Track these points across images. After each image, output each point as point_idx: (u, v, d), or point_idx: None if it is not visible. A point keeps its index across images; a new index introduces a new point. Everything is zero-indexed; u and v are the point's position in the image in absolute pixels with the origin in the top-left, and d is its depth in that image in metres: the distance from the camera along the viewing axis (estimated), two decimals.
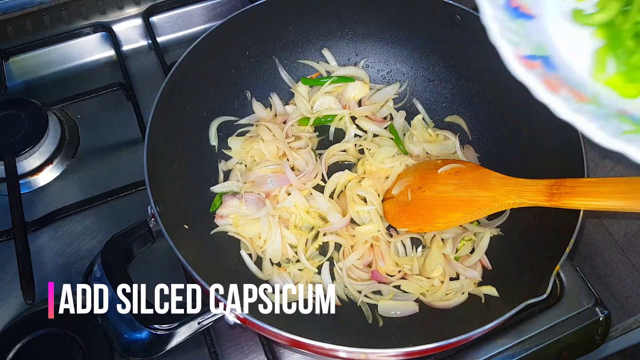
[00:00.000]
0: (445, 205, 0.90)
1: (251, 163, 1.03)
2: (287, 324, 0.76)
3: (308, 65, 1.13)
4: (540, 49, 0.60)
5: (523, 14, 0.62)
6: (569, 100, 0.54)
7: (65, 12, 1.29)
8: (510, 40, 0.57)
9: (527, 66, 0.55)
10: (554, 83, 0.55)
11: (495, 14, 0.59)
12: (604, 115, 0.53)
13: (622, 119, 0.54)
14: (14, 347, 0.84)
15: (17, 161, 1.03)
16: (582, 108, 0.53)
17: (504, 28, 0.58)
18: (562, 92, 0.54)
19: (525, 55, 0.57)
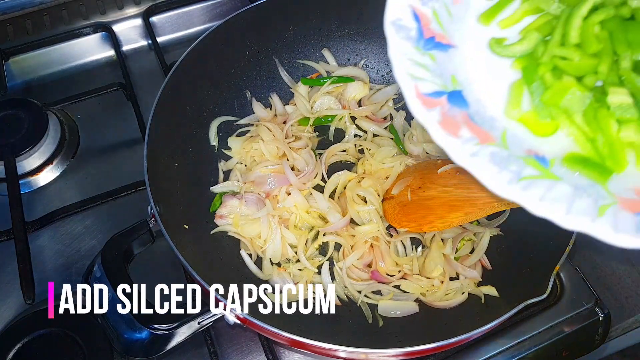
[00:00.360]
0: (445, 205, 0.90)
1: (251, 163, 1.03)
2: (287, 324, 0.76)
3: (308, 65, 1.13)
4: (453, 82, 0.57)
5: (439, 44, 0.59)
6: (469, 142, 0.51)
7: (65, 12, 1.29)
8: (414, 76, 0.54)
9: (426, 105, 0.52)
10: (456, 122, 0.52)
11: (401, 47, 0.56)
12: (506, 158, 0.51)
13: (528, 161, 0.52)
14: (14, 347, 0.84)
15: (17, 161, 1.03)
16: (480, 151, 0.51)
17: (410, 62, 0.55)
18: (462, 133, 0.52)
19: (428, 93, 0.53)
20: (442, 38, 0.59)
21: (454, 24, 0.61)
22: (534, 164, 0.52)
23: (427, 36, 0.58)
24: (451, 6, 0.61)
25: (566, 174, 0.52)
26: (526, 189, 0.49)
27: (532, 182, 0.49)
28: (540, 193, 0.48)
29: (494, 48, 0.61)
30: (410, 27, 0.57)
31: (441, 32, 0.59)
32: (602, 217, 0.47)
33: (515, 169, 0.50)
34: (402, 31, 0.57)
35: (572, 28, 0.58)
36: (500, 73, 0.60)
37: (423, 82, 0.54)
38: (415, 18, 0.58)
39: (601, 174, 0.52)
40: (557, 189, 0.49)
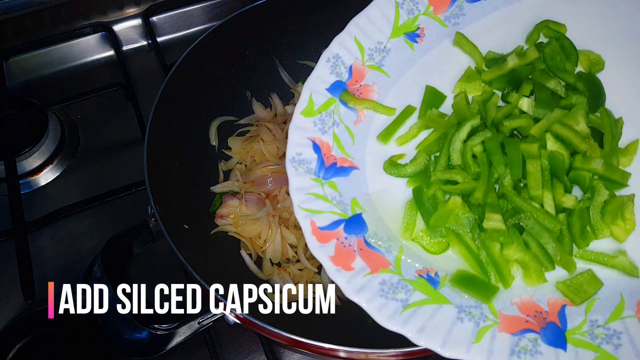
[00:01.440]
0: None
1: (251, 163, 1.03)
2: (287, 324, 0.76)
3: (308, 65, 1.13)
4: (354, 206, 0.59)
5: (340, 170, 0.61)
6: (358, 274, 0.54)
7: (65, 12, 1.29)
8: (312, 211, 0.57)
9: (321, 241, 0.55)
10: (350, 252, 0.55)
11: (300, 183, 0.58)
12: (395, 286, 0.53)
13: (418, 285, 0.54)
14: (14, 347, 0.84)
15: (17, 161, 1.03)
16: (368, 283, 0.53)
17: (307, 198, 0.57)
18: (356, 264, 0.54)
19: (325, 226, 0.56)
20: (344, 162, 0.62)
21: (356, 145, 0.63)
22: (424, 287, 0.54)
23: (328, 164, 0.61)
24: (353, 127, 0.64)
25: (454, 294, 0.55)
26: (407, 321, 0.51)
27: (416, 310, 0.52)
28: (422, 323, 0.51)
29: (388, 170, 0.64)
30: (311, 159, 0.60)
31: (343, 155, 0.62)
32: (478, 344, 0.50)
33: (403, 297, 0.53)
34: (301, 166, 0.59)
35: (453, 151, 0.62)
36: (398, 191, 0.63)
37: (320, 215, 0.57)
38: (316, 149, 0.61)
39: (486, 294, 0.55)
40: (440, 314, 0.52)
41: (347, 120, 0.64)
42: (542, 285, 0.58)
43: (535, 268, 0.57)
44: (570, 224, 0.60)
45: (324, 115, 0.63)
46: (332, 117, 0.63)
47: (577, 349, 0.51)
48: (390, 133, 0.66)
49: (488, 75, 0.69)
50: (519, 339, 0.52)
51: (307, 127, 0.62)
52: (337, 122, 0.63)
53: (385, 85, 0.67)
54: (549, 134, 0.63)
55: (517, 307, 0.55)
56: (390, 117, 0.67)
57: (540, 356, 0.51)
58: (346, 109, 0.64)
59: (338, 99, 0.64)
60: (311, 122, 0.62)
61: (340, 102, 0.64)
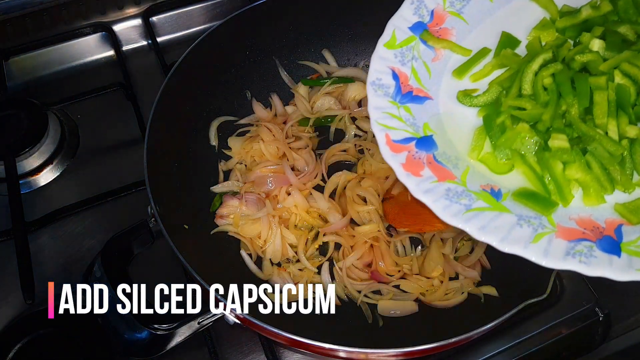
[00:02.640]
0: None
1: (251, 163, 1.03)
2: (287, 324, 0.76)
3: (308, 66, 1.13)
4: (425, 130, 0.65)
5: (416, 97, 0.67)
6: (426, 181, 0.60)
7: (65, 12, 1.28)
8: (387, 126, 0.62)
9: (394, 150, 0.61)
10: (418, 164, 0.61)
11: (377, 103, 0.65)
12: (460, 194, 0.59)
13: (480, 196, 0.59)
14: (14, 347, 0.84)
15: (17, 161, 1.03)
16: (435, 188, 0.59)
17: (383, 115, 0.63)
18: (424, 172, 0.60)
19: (397, 140, 0.62)
20: (419, 92, 0.68)
21: (432, 79, 0.70)
22: (487, 198, 0.60)
23: (404, 91, 0.67)
24: (430, 63, 0.70)
25: (515, 206, 0.60)
26: (470, 220, 0.56)
27: (479, 214, 0.57)
28: (483, 223, 0.56)
29: (461, 99, 0.70)
30: (389, 85, 0.67)
31: (419, 86, 0.68)
32: (535, 244, 0.55)
33: (466, 202, 0.58)
34: (380, 89, 0.66)
35: (525, 81, 0.67)
36: (469, 120, 0.69)
37: (394, 131, 0.63)
38: (395, 77, 0.67)
39: (546, 207, 0.60)
40: (501, 219, 0.57)
41: (426, 56, 0.70)
42: (601, 206, 0.61)
43: (595, 189, 0.61)
44: (632, 151, 0.63)
45: (405, 50, 0.69)
46: (411, 52, 0.69)
47: (631, 257, 0.55)
48: (465, 69, 0.71)
49: (562, 23, 0.73)
50: (574, 244, 0.55)
51: (387, 57, 0.68)
52: (416, 57, 0.69)
53: (463, 30, 0.72)
54: (617, 70, 0.66)
55: (575, 222, 0.59)
56: (466, 57, 0.73)
57: (595, 259, 0.54)
58: (425, 47, 0.70)
59: (418, 37, 0.70)
60: (392, 54, 0.68)
61: (420, 40, 0.70)
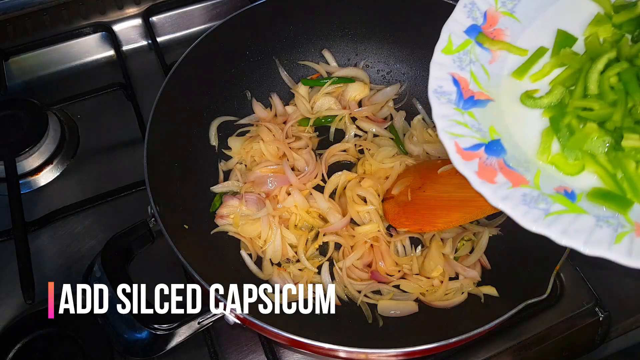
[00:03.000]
0: (445, 206, 0.90)
1: (251, 163, 1.03)
2: (287, 324, 0.76)
3: (308, 66, 1.13)
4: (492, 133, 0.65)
5: (477, 102, 0.67)
6: (502, 187, 0.59)
7: (65, 12, 1.29)
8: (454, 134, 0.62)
9: (465, 158, 0.61)
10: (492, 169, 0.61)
11: (442, 111, 0.64)
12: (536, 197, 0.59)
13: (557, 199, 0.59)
14: (14, 347, 0.84)
15: (17, 161, 1.03)
16: (512, 194, 0.59)
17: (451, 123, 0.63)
18: (498, 179, 0.60)
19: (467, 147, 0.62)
20: (480, 95, 0.68)
21: (491, 81, 0.69)
22: (562, 200, 0.59)
23: (466, 97, 0.67)
24: (487, 66, 0.70)
25: (591, 206, 0.60)
26: (551, 224, 0.56)
27: (558, 217, 0.57)
28: (564, 227, 0.56)
29: (525, 101, 0.69)
30: (451, 92, 0.66)
31: (479, 90, 0.68)
32: (618, 244, 0.55)
33: (544, 206, 0.58)
34: (443, 96, 0.65)
35: (591, 81, 0.67)
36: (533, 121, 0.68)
37: (462, 138, 0.63)
38: (455, 83, 0.67)
39: (622, 206, 0.59)
40: (580, 221, 0.57)
41: (483, 59, 0.70)
42: None
43: None
44: None
45: (462, 54, 0.69)
46: (468, 56, 0.69)
47: None
48: (525, 70, 0.71)
49: (618, 19, 0.72)
50: None
51: (446, 64, 0.68)
52: (473, 61, 0.69)
53: (516, 30, 0.72)
54: None
55: None
56: (523, 58, 0.72)
57: None
58: (481, 50, 0.70)
59: (474, 40, 0.70)
60: (450, 59, 0.68)
61: (476, 43, 0.70)
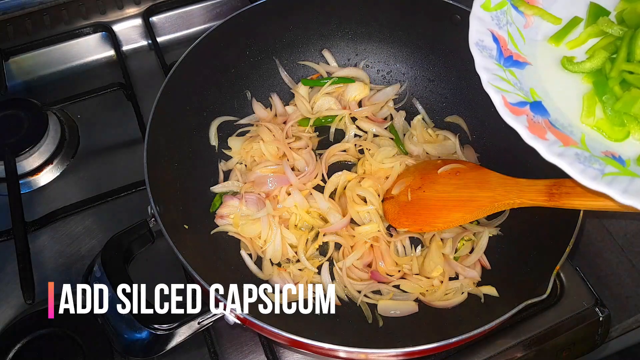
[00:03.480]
0: (445, 206, 0.90)
1: (251, 163, 1.03)
2: (287, 324, 0.76)
3: (308, 66, 1.13)
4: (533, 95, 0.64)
5: (516, 62, 0.67)
6: (554, 144, 0.58)
7: (65, 12, 1.29)
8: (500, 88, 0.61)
9: (514, 113, 0.59)
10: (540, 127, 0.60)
11: (485, 64, 0.64)
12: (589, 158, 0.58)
13: (608, 161, 0.58)
14: (14, 347, 0.84)
15: (17, 161, 1.03)
16: (565, 152, 0.57)
17: (494, 77, 0.63)
18: (548, 136, 0.59)
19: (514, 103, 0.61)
20: (518, 57, 0.68)
21: (527, 45, 0.70)
22: (614, 163, 0.58)
23: (506, 55, 0.67)
24: (522, 30, 0.71)
25: None
26: (611, 183, 0.55)
27: (615, 178, 0.56)
28: (623, 187, 0.55)
29: (566, 65, 0.69)
30: (491, 47, 0.66)
31: (517, 51, 0.68)
32: None
33: (598, 167, 0.57)
34: (485, 50, 0.65)
35: (637, 46, 0.66)
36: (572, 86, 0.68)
37: (508, 94, 0.62)
38: (495, 40, 0.67)
39: None
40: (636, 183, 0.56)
41: (518, 22, 0.71)
42: None
43: None
44: None
45: (499, 13, 0.70)
46: (505, 17, 0.71)
47: None
48: (562, 36, 0.72)
49: None
50: None
51: (485, 19, 0.68)
52: (510, 22, 0.71)
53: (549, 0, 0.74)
54: None
55: None
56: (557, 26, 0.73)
57: None
58: (516, 13, 0.71)
59: (509, 2, 0.71)
60: (488, 16, 0.69)
61: (511, 5, 0.71)
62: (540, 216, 0.86)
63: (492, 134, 1.04)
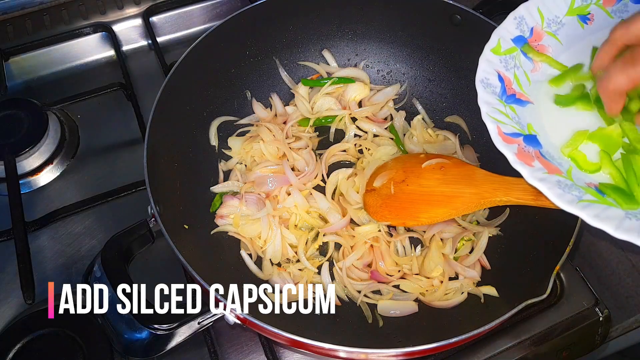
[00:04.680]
0: (429, 200, 0.90)
1: (251, 163, 1.03)
2: (287, 324, 0.76)
3: (308, 66, 1.13)
4: (529, 129, 0.70)
5: (519, 100, 0.73)
6: (538, 171, 0.64)
7: (65, 12, 1.29)
8: (497, 120, 0.68)
9: (506, 141, 0.66)
10: (529, 156, 0.66)
11: (487, 98, 0.70)
12: (570, 186, 0.63)
13: (588, 190, 0.64)
14: (14, 347, 0.84)
15: (17, 161, 1.03)
16: (547, 178, 0.63)
17: (493, 110, 0.69)
18: (535, 164, 0.65)
19: (508, 133, 0.67)
20: (521, 96, 0.74)
21: (531, 87, 0.75)
22: (593, 193, 0.64)
23: (509, 93, 0.73)
24: (529, 73, 0.76)
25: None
26: (584, 208, 0.60)
27: (590, 205, 0.61)
28: (596, 212, 0.60)
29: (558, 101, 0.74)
30: (496, 85, 0.72)
31: (520, 91, 0.74)
32: None
33: (577, 194, 0.62)
34: (489, 87, 0.72)
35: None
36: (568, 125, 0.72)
37: (504, 125, 0.68)
38: (500, 79, 0.73)
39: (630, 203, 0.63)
40: (611, 211, 0.61)
41: (526, 67, 0.76)
42: None
43: None
44: None
45: (508, 57, 0.76)
46: (513, 61, 0.76)
47: None
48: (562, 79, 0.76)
49: None
50: None
51: (493, 61, 0.74)
52: (517, 66, 0.76)
53: (558, 50, 0.78)
54: None
55: None
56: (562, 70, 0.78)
57: None
58: (525, 58, 0.76)
59: (519, 49, 0.77)
60: (497, 59, 0.75)
61: (521, 51, 0.77)
62: (540, 216, 0.86)
63: None
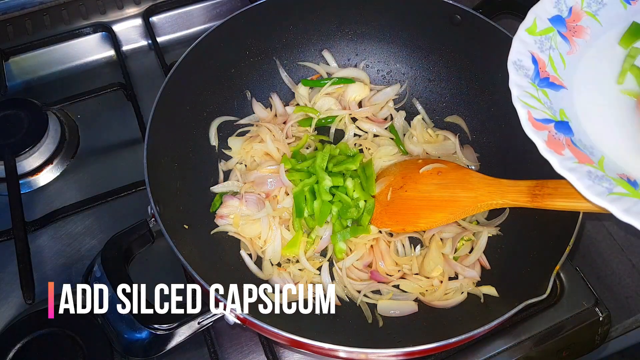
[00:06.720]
0: (427, 206, 0.90)
1: (251, 163, 1.03)
2: (287, 324, 0.76)
3: (308, 66, 1.13)
4: (561, 115, 0.68)
5: (552, 84, 0.70)
6: (568, 160, 0.61)
7: (65, 12, 1.29)
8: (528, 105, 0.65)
9: (536, 127, 0.63)
10: (560, 143, 0.63)
11: (519, 81, 0.68)
12: (600, 177, 0.60)
13: (620, 182, 0.61)
14: (14, 347, 0.84)
15: (17, 161, 1.03)
16: (578, 168, 0.61)
17: (524, 94, 0.66)
18: (565, 152, 0.62)
19: (538, 119, 0.65)
20: (555, 79, 0.71)
21: (566, 70, 0.72)
22: (625, 185, 0.61)
23: (542, 76, 0.70)
24: (565, 56, 0.73)
25: None
26: (614, 201, 0.57)
27: (620, 198, 0.58)
28: (627, 206, 0.57)
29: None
30: (529, 68, 0.70)
31: (555, 74, 0.71)
32: None
33: (607, 185, 0.59)
34: (521, 70, 0.69)
35: None
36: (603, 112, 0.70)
37: (535, 110, 0.66)
38: (534, 61, 0.70)
39: None
40: None
41: (562, 48, 0.73)
42: None
43: None
44: None
45: (543, 38, 0.73)
46: (549, 42, 0.73)
47: None
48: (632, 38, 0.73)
49: None
50: None
51: (528, 42, 0.71)
52: (553, 47, 0.73)
53: (597, 32, 0.76)
54: None
55: None
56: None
57: None
58: (562, 40, 0.73)
59: (556, 30, 0.74)
60: (532, 39, 0.72)
61: (558, 32, 0.74)
62: (540, 216, 0.86)
63: (492, 134, 1.04)
